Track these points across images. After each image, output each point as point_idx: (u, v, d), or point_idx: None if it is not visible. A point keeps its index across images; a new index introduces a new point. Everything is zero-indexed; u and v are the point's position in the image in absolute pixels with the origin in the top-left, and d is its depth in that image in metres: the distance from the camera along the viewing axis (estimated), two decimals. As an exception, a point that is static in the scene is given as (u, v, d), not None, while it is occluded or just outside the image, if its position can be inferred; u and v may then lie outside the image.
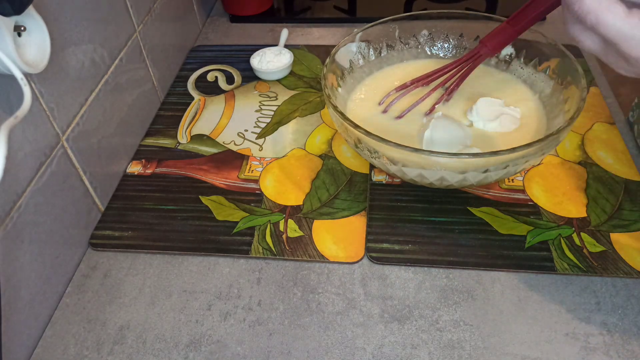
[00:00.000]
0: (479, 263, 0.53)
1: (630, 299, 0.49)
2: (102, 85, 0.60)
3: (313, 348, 0.48)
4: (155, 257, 0.56)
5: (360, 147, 0.53)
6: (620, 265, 0.51)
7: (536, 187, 0.59)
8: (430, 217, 0.57)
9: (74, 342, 0.50)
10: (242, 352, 0.48)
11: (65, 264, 0.54)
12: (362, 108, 0.63)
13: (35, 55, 0.44)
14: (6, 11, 0.39)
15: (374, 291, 0.52)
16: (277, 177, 0.63)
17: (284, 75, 0.79)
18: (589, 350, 0.46)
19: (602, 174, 0.60)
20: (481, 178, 0.51)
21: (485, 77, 0.65)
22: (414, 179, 0.53)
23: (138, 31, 0.68)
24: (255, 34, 0.91)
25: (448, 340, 0.47)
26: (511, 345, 0.47)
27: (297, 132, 0.69)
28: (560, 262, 0.52)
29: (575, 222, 0.56)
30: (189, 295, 0.52)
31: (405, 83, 0.63)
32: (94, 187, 0.59)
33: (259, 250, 0.55)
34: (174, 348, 0.48)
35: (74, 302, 0.53)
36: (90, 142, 0.58)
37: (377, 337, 0.48)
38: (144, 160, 0.67)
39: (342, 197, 0.60)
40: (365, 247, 0.55)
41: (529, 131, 0.58)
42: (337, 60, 0.63)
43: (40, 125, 0.49)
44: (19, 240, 0.47)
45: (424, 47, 0.68)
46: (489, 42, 0.56)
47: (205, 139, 0.69)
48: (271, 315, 0.50)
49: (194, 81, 0.80)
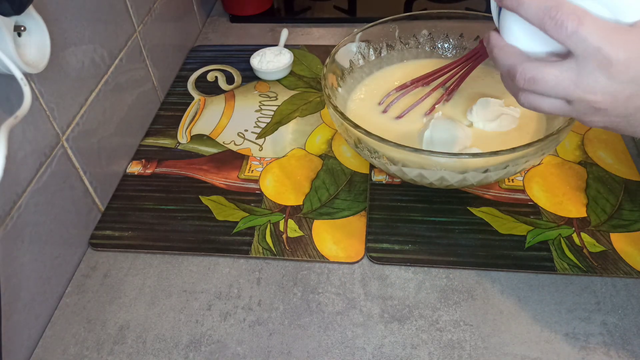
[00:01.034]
0: (479, 263, 0.53)
1: (630, 299, 0.49)
2: (102, 85, 0.60)
3: (313, 348, 0.48)
4: (155, 257, 0.56)
5: (360, 147, 0.53)
6: (620, 265, 0.51)
7: (536, 187, 0.59)
8: (430, 217, 0.57)
9: (74, 342, 0.50)
10: (242, 352, 0.48)
11: (65, 264, 0.54)
12: (362, 108, 0.63)
13: (35, 55, 0.44)
14: (6, 11, 0.39)
15: (374, 291, 0.52)
16: (277, 177, 0.63)
17: (284, 75, 0.79)
18: (589, 350, 0.46)
19: (602, 174, 0.60)
20: (481, 178, 0.51)
21: (485, 77, 0.65)
22: (414, 179, 0.53)
23: (138, 31, 0.68)
24: (255, 34, 0.91)
25: (448, 340, 0.47)
26: (511, 345, 0.47)
27: (297, 132, 0.69)
28: (560, 262, 0.52)
29: (575, 222, 0.56)
30: (189, 295, 0.52)
31: (405, 83, 0.63)
32: (94, 187, 0.59)
33: (259, 250, 0.55)
34: (174, 348, 0.48)
35: (74, 302, 0.53)
36: (90, 142, 0.58)
37: (377, 337, 0.48)
38: (144, 160, 0.67)
39: (342, 197, 0.60)
40: (365, 247, 0.55)
41: (529, 131, 0.58)
42: (337, 60, 0.63)
43: (40, 125, 0.49)
44: (19, 240, 0.47)
45: (424, 47, 0.68)
46: (489, 42, 0.56)
47: (205, 139, 0.69)
48: (271, 315, 0.50)
49: (194, 81, 0.80)
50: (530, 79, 0.35)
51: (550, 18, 0.32)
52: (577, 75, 0.33)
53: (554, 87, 0.34)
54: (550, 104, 0.36)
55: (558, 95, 0.35)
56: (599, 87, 0.33)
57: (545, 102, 0.36)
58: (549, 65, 0.34)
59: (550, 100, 0.36)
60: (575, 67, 0.33)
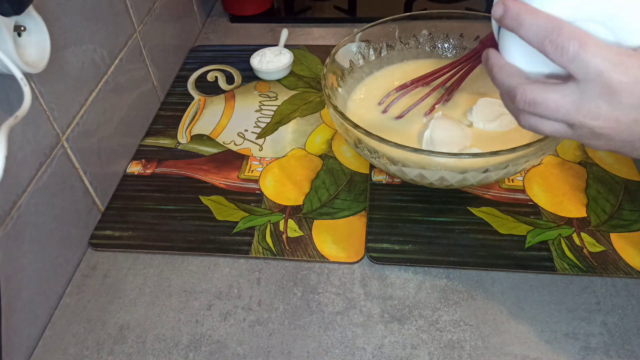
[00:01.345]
0: (479, 263, 0.53)
1: (630, 299, 0.49)
2: (102, 85, 0.60)
3: (313, 348, 0.48)
4: (155, 257, 0.56)
5: (360, 147, 0.53)
6: (620, 265, 0.51)
7: (536, 187, 0.59)
8: (430, 217, 0.57)
9: (74, 342, 0.50)
10: (242, 352, 0.48)
11: (65, 264, 0.54)
12: (362, 108, 0.63)
13: (35, 55, 0.44)
14: (6, 11, 0.39)
15: (374, 291, 0.52)
16: (277, 177, 0.63)
17: (284, 75, 0.79)
18: (589, 350, 0.46)
19: (602, 174, 0.60)
20: (481, 178, 0.51)
21: (485, 77, 0.64)
22: (414, 179, 0.53)
23: (138, 31, 0.68)
24: (255, 34, 0.91)
25: (448, 340, 0.47)
26: (511, 345, 0.47)
27: (297, 132, 0.69)
28: (560, 262, 0.52)
29: (575, 222, 0.56)
30: (189, 295, 0.52)
31: (405, 83, 0.63)
32: (94, 187, 0.59)
33: (259, 250, 0.55)
34: (174, 348, 0.48)
35: (74, 302, 0.53)
36: (90, 142, 0.58)
37: (377, 337, 0.48)
38: (144, 160, 0.67)
39: (342, 197, 0.60)
40: (365, 247, 0.55)
41: (529, 131, 0.58)
42: (337, 60, 0.63)
43: (40, 125, 0.49)
44: (19, 240, 0.47)
45: (424, 47, 0.68)
46: (489, 42, 0.56)
47: (205, 139, 0.69)
48: (271, 315, 0.50)
49: (194, 81, 0.80)
50: (530, 101, 0.34)
51: (551, 42, 0.31)
52: (579, 99, 0.32)
53: (555, 111, 0.33)
54: (551, 127, 0.35)
55: (558, 119, 0.34)
56: (601, 113, 0.32)
57: (546, 125, 0.35)
58: (550, 88, 0.33)
59: (551, 123, 0.35)
60: (577, 91, 0.32)
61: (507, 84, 0.36)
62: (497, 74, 0.37)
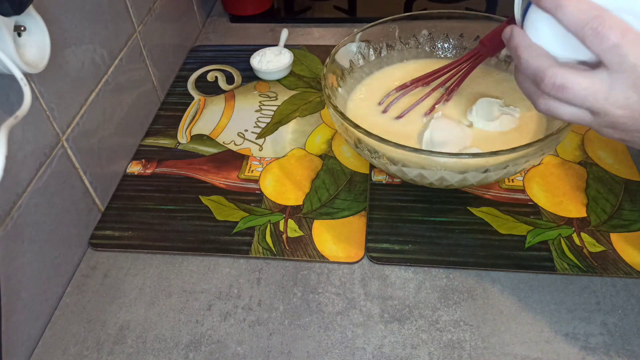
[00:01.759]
0: (479, 263, 0.53)
1: (630, 299, 0.49)
2: (102, 85, 0.60)
3: (313, 348, 0.48)
4: (155, 257, 0.56)
5: (360, 147, 0.53)
6: (620, 265, 0.51)
7: (536, 187, 0.59)
8: (430, 217, 0.57)
9: (74, 342, 0.50)
10: (242, 352, 0.48)
11: (65, 264, 0.54)
12: (362, 108, 0.63)
13: (35, 55, 0.44)
14: (6, 11, 0.39)
15: (374, 291, 0.52)
16: (277, 177, 0.63)
17: (284, 75, 0.79)
18: (589, 350, 0.46)
19: (602, 174, 0.60)
20: (481, 178, 0.51)
21: (485, 77, 0.65)
22: (414, 179, 0.53)
23: (138, 31, 0.68)
24: (255, 34, 0.91)
25: (448, 340, 0.47)
26: (511, 345, 0.47)
27: (297, 132, 0.69)
28: (560, 262, 0.52)
29: (575, 222, 0.56)
30: (189, 295, 0.52)
31: (405, 83, 0.63)
32: (94, 187, 0.59)
33: (259, 250, 0.55)
34: (174, 348, 0.48)
35: (74, 302, 0.53)
36: (90, 142, 0.58)
37: (377, 337, 0.48)
38: (144, 160, 0.67)
39: (342, 197, 0.60)
40: (365, 247, 0.55)
41: (529, 131, 0.58)
42: (337, 60, 0.63)
43: (40, 125, 0.49)
44: (19, 240, 0.47)
45: (424, 47, 0.68)
46: (489, 42, 0.56)
47: (205, 139, 0.69)
48: (271, 315, 0.50)
49: (194, 81, 0.80)
50: (559, 85, 0.34)
51: (592, 29, 0.31)
52: (609, 88, 0.32)
53: (584, 97, 0.33)
54: (572, 113, 0.35)
55: (584, 105, 0.34)
56: (629, 103, 0.32)
57: (567, 110, 0.35)
58: (580, 73, 0.33)
59: (573, 109, 0.35)
60: (608, 79, 0.32)
61: (535, 66, 0.35)
62: (522, 54, 0.36)
